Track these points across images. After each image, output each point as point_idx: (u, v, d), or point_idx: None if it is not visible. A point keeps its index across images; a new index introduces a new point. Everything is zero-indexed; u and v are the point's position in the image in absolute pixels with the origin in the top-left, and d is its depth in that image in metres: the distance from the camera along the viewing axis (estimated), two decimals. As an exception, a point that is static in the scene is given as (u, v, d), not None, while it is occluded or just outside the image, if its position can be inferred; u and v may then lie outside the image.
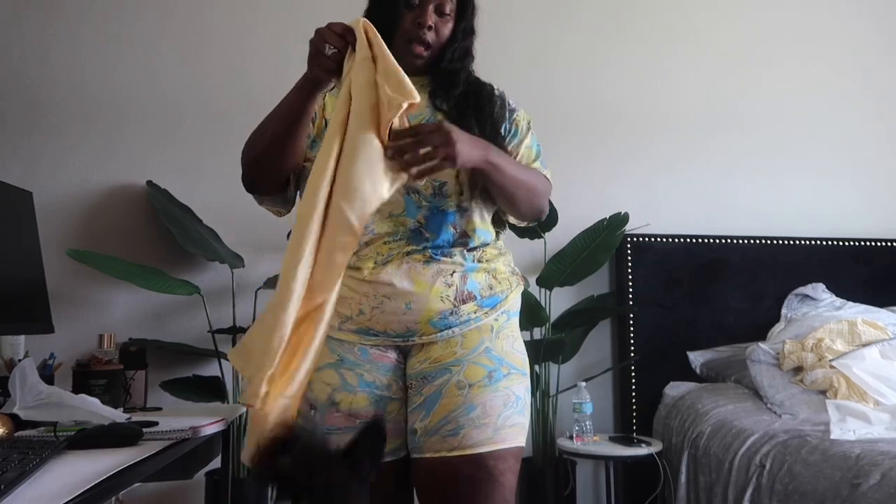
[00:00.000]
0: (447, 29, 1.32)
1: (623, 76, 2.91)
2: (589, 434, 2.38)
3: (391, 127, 1.10)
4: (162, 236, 2.46)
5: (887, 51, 3.18)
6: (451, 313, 1.22)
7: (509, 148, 1.34)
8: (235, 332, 2.26)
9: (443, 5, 1.30)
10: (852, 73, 3.13)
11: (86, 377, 1.71)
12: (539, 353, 2.42)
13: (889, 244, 2.98)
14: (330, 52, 1.13)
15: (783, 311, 2.75)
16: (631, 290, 2.72)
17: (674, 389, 2.58)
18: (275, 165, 1.26)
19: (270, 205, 1.39)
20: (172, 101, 2.55)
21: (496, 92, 1.40)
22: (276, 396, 1.04)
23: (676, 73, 2.96)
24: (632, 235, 2.73)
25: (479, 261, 1.26)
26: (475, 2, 1.37)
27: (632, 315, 2.70)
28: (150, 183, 2.47)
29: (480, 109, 1.32)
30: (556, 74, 2.84)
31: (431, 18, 1.29)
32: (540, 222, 1.42)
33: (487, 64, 1.43)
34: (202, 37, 2.58)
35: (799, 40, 3.10)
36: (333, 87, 1.28)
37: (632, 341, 2.69)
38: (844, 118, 3.09)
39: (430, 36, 1.30)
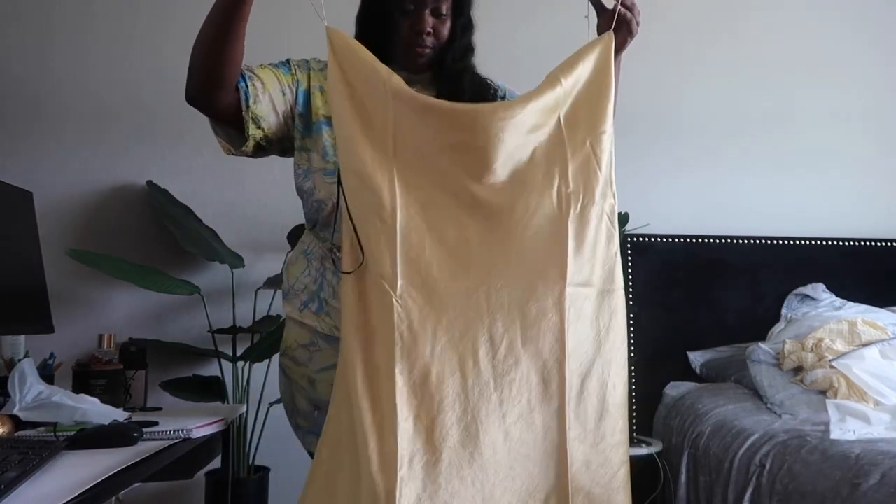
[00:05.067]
0: (446, 28, 1.31)
1: (624, 77, 2.90)
2: (589, 434, 2.37)
3: None
4: (162, 236, 2.45)
5: (888, 51, 3.18)
6: None
7: None
8: (235, 332, 2.26)
9: (439, 7, 1.28)
10: (852, 73, 3.13)
11: (86, 377, 1.70)
12: (539, 353, 2.41)
13: (889, 244, 2.98)
14: None
15: (783, 311, 2.75)
16: (631, 290, 2.71)
17: (674, 389, 2.58)
18: (229, 76, 1.21)
19: (223, 134, 1.30)
20: (173, 101, 2.52)
21: (500, 91, 1.40)
22: None
23: (677, 75, 2.96)
24: (632, 235, 2.73)
25: None
26: None
27: (632, 315, 2.69)
28: (150, 183, 2.47)
29: None
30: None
31: (429, 23, 1.27)
32: None
33: (488, 59, 1.42)
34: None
35: (799, 41, 3.10)
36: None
37: (632, 341, 2.69)
38: (845, 118, 3.09)
39: (429, 41, 1.29)
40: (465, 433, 1.01)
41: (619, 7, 1.18)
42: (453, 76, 1.33)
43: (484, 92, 1.37)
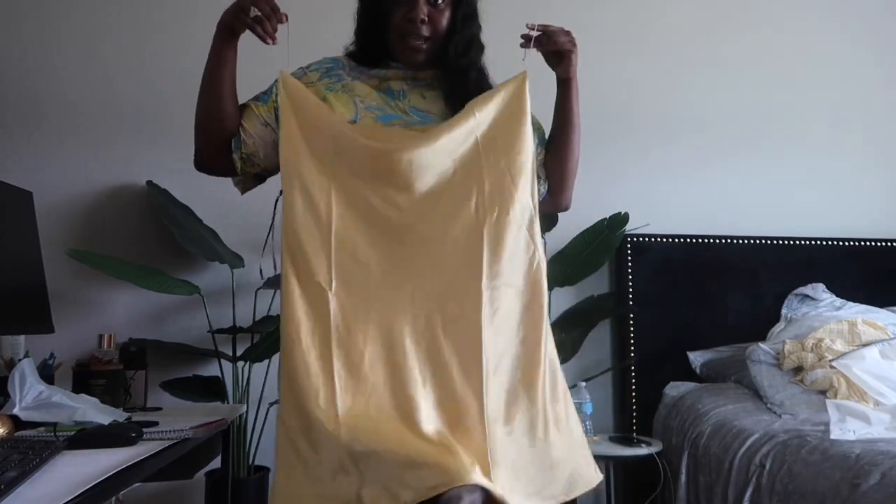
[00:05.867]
0: (444, 18, 1.27)
1: (623, 77, 2.90)
2: (589, 434, 2.38)
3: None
4: (162, 236, 2.45)
5: (886, 51, 3.18)
6: None
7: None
8: (235, 332, 2.26)
9: None
10: (852, 73, 3.13)
11: (86, 377, 1.71)
12: (539, 353, 2.41)
13: (889, 244, 2.98)
14: (253, 14, 1.24)
15: (783, 311, 2.75)
16: (631, 290, 2.71)
17: (674, 389, 2.58)
18: (215, 125, 1.33)
19: (240, 183, 1.47)
20: (173, 101, 2.54)
21: None
22: None
23: (677, 75, 2.96)
24: (632, 235, 2.73)
25: None
26: None
27: (632, 315, 2.70)
28: (150, 183, 2.47)
29: None
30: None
31: (423, 11, 1.25)
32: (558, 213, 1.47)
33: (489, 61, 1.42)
34: (204, 38, 2.57)
35: (799, 40, 3.10)
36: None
37: (632, 341, 2.69)
38: (844, 118, 3.09)
39: (424, 29, 1.26)
40: (398, 410, 1.13)
41: (537, 35, 1.31)
42: (457, 72, 1.30)
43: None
